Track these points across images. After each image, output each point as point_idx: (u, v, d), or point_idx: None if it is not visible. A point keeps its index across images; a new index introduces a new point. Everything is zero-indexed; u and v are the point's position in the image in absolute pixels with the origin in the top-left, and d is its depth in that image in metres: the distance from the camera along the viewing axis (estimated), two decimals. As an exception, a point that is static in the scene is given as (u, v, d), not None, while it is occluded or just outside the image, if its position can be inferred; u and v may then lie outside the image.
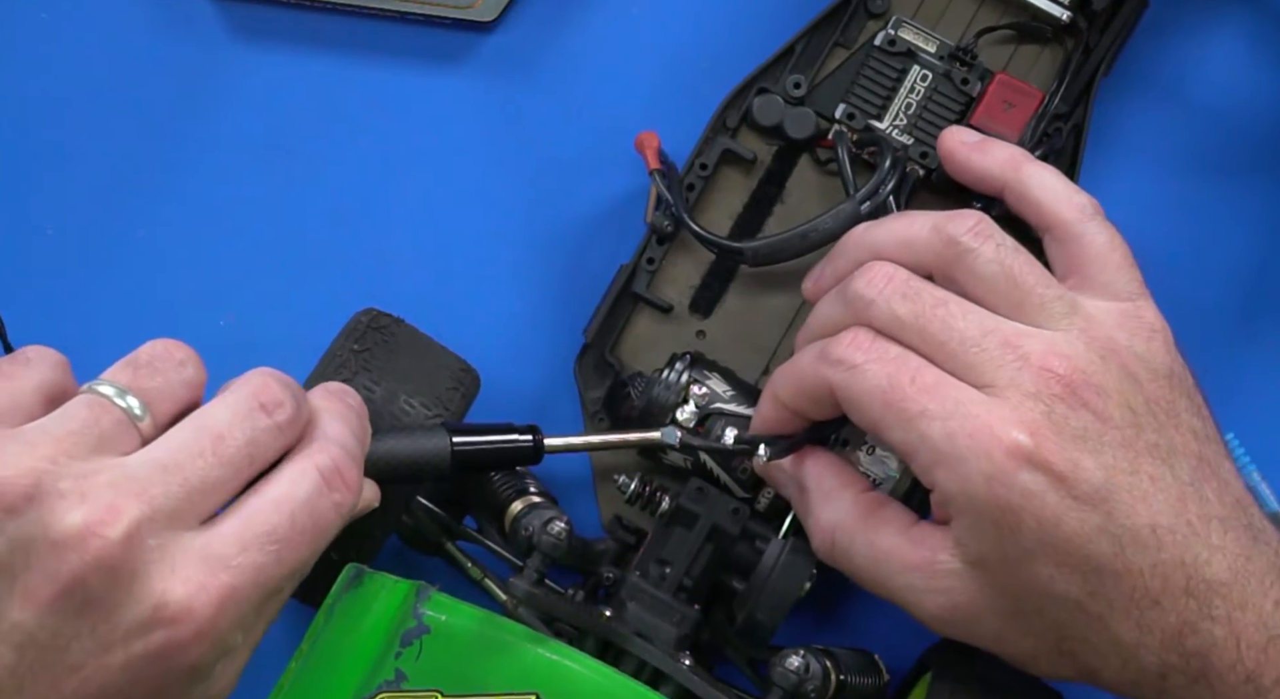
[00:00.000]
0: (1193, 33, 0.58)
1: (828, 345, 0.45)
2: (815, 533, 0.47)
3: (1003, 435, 0.42)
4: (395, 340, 0.50)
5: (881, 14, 0.54)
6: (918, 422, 0.43)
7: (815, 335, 0.47)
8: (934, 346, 0.44)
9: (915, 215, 0.47)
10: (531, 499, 0.50)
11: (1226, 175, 0.58)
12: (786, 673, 0.45)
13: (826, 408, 0.46)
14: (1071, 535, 0.42)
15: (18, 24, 0.58)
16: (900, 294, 0.45)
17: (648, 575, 0.49)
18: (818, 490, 0.47)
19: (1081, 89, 0.53)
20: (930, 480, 0.43)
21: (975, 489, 0.42)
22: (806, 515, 0.48)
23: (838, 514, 0.46)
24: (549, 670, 0.43)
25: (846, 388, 0.44)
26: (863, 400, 0.44)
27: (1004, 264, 0.45)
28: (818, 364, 0.45)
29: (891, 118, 0.53)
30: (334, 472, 0.41)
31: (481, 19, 0.57)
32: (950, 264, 0.45)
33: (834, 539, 0.46)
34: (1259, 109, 0.58)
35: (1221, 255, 0.57)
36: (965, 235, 0.45)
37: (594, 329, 0.53)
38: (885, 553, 0.45)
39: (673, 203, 0.52)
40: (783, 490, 0.49)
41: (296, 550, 0.40)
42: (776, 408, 0.47)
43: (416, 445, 0.46)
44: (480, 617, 0.44)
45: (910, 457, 0.43)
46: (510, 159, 0.57)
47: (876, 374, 0.44)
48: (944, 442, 0.42)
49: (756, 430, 0.48)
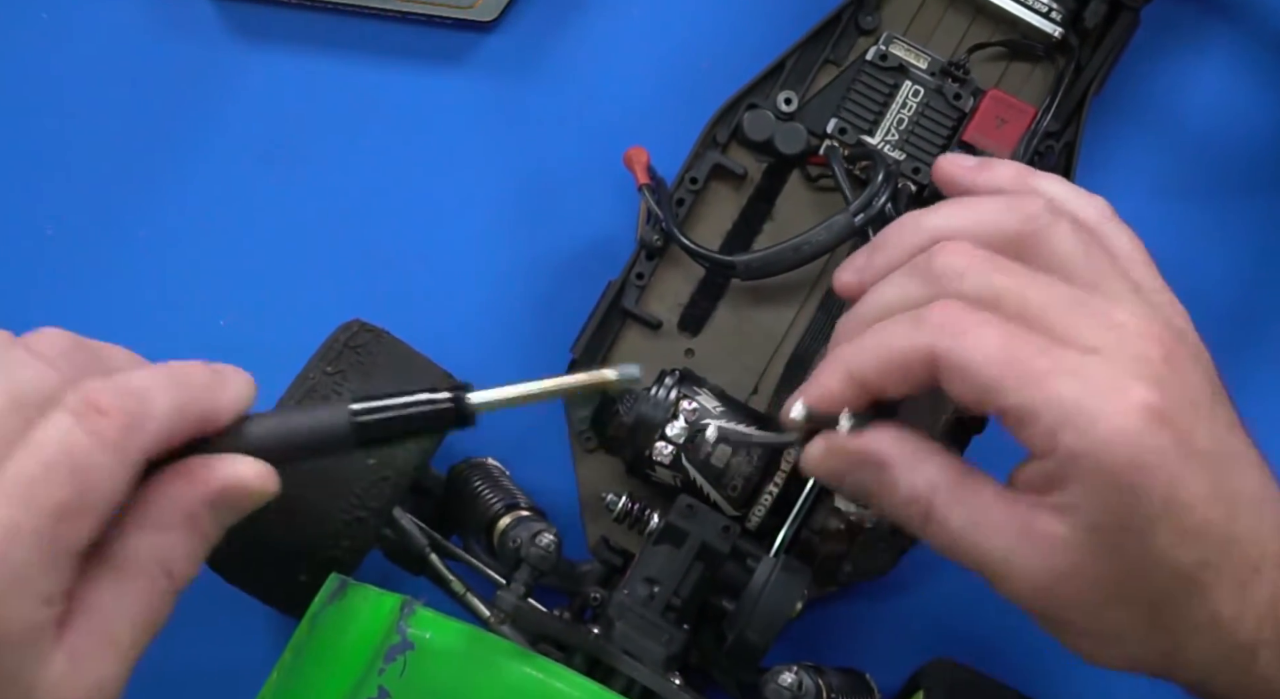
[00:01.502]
0: (1183, 53, 0.58)
1: (924, 314, 0.43)
2: (908, 503, 0.44)
3: (1132, 394, 0.41)
4: (373, 358, 0.49)
5: (872, 31, 0.54)
6: (1042, 381, 0.41)
7: (879, 317, 0.45)
8: (1034, 315, 0.43)
9: (978, 199, 0.46)
10: (520, 513, 0.49)
11: (1217, 194, 0.58)
12: (780, 689, 0.44)
13: (914, 381, 0.43)
14: (1192, 500, 0.41)
15: (18, 24, 0.58)
16: (992, 266, 0.43)
17: (635, 595, 0.48)
18: (905, 459, 0.44)
19: (1073, 107, 0.53)
20: (1052, 444, 0.41)
21: (1106, 449, 0.41)
22: (892, 490, 0.44)
23: (935, 476, 0.44)
24: (537, 689, 0.43)
25: (956, 353, 0.42)
26: (975, 365, 0.42)
27: (1081, 240, 0.44)
28: (914, 332, 0.43)
29: (883, 134, 0.53)
30: (84, 403, 0.37)
31: (481, 19, 0.57)
32: (1026, 241, 0.44)
33: (932, 504, 0.43)
34: (1249, 129, 0.58)
35: (1211, 274, 0.57)
36: (1043, 212, 0.44)
37: (582, 345, 0.53)
38: (985, 516, 0.43)
39: (663, 217, 0.51)
40: (842, 478, 0.45)
41: (50, 490, 0.36)
42: (846, 384, 0.44)
43: (312, 417, 0.41)
44: (466, 633, 0.43)
45: (1030, 420, 0.41)
46: (506, 162, 0.57)
47: (990, 337, 0.42)
48: (1072, 400, 0.41)
49: (816, 407, 0.45)
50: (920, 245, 0.45)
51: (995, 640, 0.56)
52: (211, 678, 0.55)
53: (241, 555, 0.48)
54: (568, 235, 0.57)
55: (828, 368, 0.45)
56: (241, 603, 0.51)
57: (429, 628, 0.43)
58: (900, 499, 0.44)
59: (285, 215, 0.57)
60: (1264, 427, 0.49)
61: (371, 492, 0.47)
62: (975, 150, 0.52)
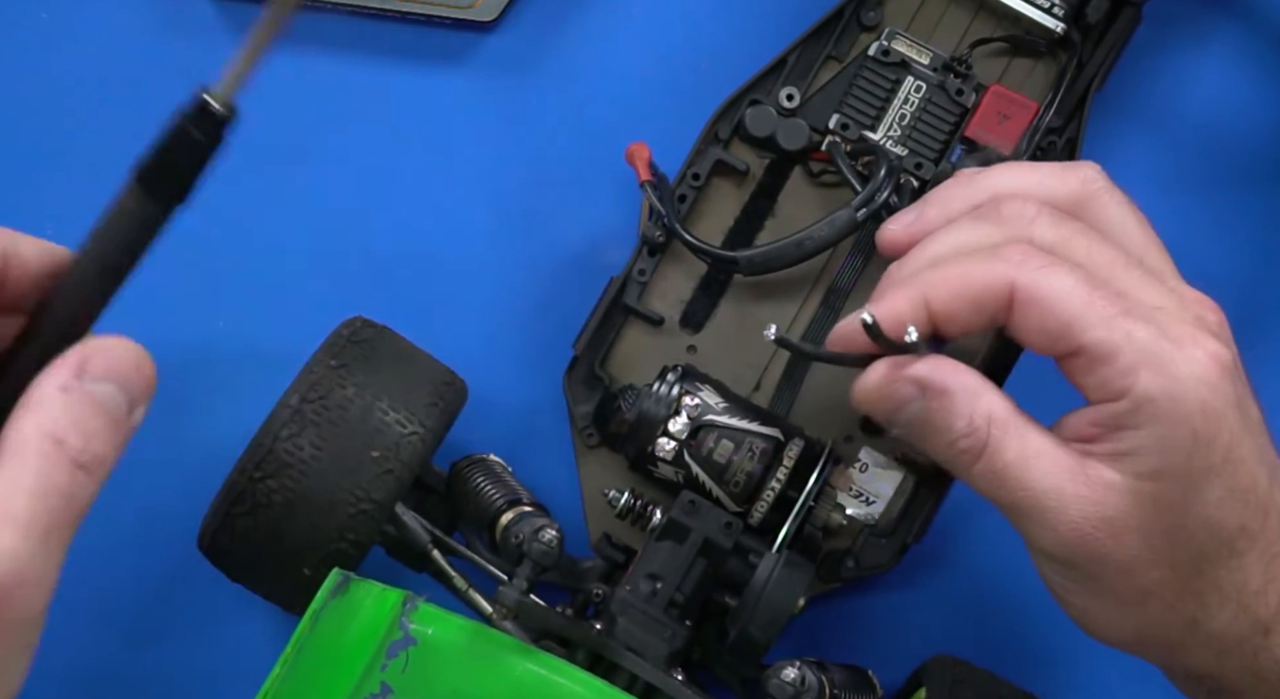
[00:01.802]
0: (1185, 49, 0.58)
1: (1003, 250, 0.43)
2: (965, 434, 0.43)
3: (1207, 344, 0.41)
4: (376, 352, 0.50)
5: (874, 27, 0.53)
6: (1122, 320, 0.41)
7: (944, 258, 0.44)
8: (1100, 268, 0.43)
9: (1034, 164, 0.47)
10: (522, 509, 0.49)
11: (1219, 190, 0.58)
12: (782, 684, 0.44)
13: (984, 314, 0.43)
14: (1246, 457, 0.42)
15: (18, 24, 0.58)
16: (1060, 217, 0.44)
17: (638, 591, 0.48)
18: (965, 388, 0.43)
19: (1076, 102, 0.53)
20: (1127, 384, 0.41)
21: (1183, 391, 0.41)
22: (950, 420, 0.43)
23: (993, 408, 0.43)
24: (539, 685, 0.43)
25: (1037, 286, 0.42)
26: (1056, 299, 0.42)
27: (1131, 207, 0.45)
28: (994, 263, 0.43)
29: (885, 129, 0.53)
30: None
31: (481, 19, 0.57)
32: (1084, 203, 0.45)
33: (989, 432, 0.43)
34: (1251, 124, 0.58)
35: (1212, 269, 0.57)
36: (1099, 177, 0.45)
37: (584, 342, 0.53)
38: (1038, 451, 0.43)
39: (665, 214, 0.51)
40: (901, 408, 0.44)
41: None
42: (916, 308, 0.44)
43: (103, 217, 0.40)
44: (469, 629, 0.43)
45: (1108, 358, 0.41)
46: (507, 161, 0.57)
47: (1070, 275, 0.42)
48: (1153, 341, 0.41)
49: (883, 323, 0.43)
50: (979, 200, 0.45)
51: (997, 637, 0.56)
52: (213, 675, 0.55)
53: (245, 551, 0.48)
54: (569, 232, 0.57)
55: (899, 289, 0.44)
56: (243, 599, 0.51)
57: (431, 624, 0.43)
58: (958, 430, 0.43)
59: (285, 215, 0.57)
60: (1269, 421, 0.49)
61: (375, 485, 0.47)
62: (977, 146, 0.52)
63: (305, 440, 0.47)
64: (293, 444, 0.47)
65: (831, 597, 0.53)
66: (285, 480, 0.47)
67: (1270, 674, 0.43)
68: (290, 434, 0.47)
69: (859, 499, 0.51)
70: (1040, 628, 0.56)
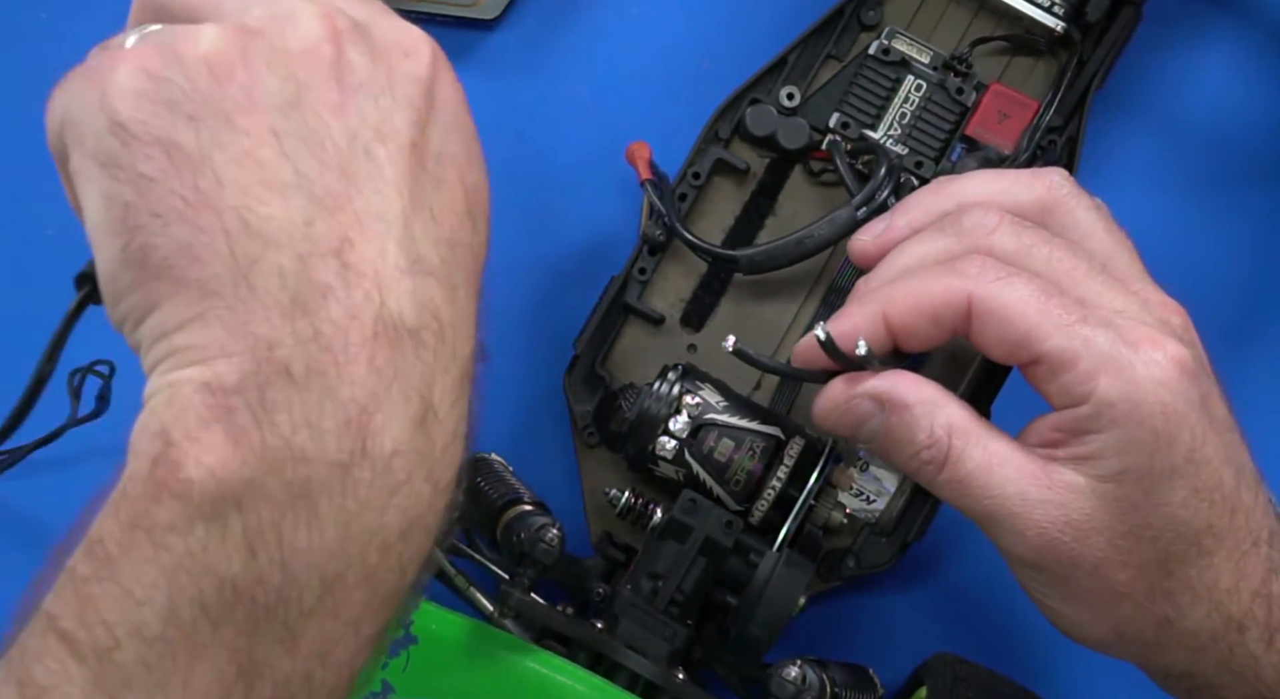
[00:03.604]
0: (1185, 47, 0.58)
1: (960, 263, 0.43)
2: (927, 446, 0.44)
3: (1166, 345, 0.42)
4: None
5: (874, 26, 0.53)
6: (1080, 326, 0.42)
7: (906, 271, 0.45)
8: (1061, 275, 0.43)
9: (1001, 171, 0.47)
10: (524, 508, 0.49)
11: (1218, 188, 0.58)
12: (784, 683, 0.44)
13: (942, 327, 0.44)
14: (1209, 458, 0.42)
15: (18, 24, 0.58)
16: (1020, 225, 0.44)
17: (639, 590, 0.48)
18: (923, 401, 0.44)
19: (1076, 101, 0.53)
20: (1088, 389, 0.42)
21: (1143, 394, 0.41)
22: (911, 433, 0.44)
23: (954, 419, 0.44)
24: (540, 683, 0.43)
25: (993, 298, 0.43)
26: (1013, 310, 0.42)
27: (1099, 212, 0.45)
28: (951, 278, 0.43)
29: (886, 127, 0.53)
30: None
31: (483, 17, 0.57)
32: (1049, 210, 0.45)
33: (950, 443, 0.43)
34: (1251, 123, 0.58)
35: (1212, 267, 0.57)
36: (1065, 183, 0.45)
37: (584, 340, 0.53)
38: (1001, 458, 0.43)
39: (665, 213, 0.51)
40: (860, 423, 0.45)
41: None
42: (874, 323, 0.44)
43: None
44: (470, 627, 0.43)
45: (1067, 365, 0.42)
46: (508, 160, 0.57)
47: (1027, 285, 0.43)
48: (1111, 346, 0.42)
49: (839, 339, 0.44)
50: (945, 209, 0.46)
51: (998, 635, 0.56)
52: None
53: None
54: (570, 231, 0.57)
55: (857, 305, 0.45)
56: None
57: (433, 622, 0.43)
58: (919, 442, 0.44)
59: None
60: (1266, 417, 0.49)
61: None
62: (977, 145, 0.52)
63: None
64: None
65: (832, 595, 0.53)
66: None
67: (1246, 671, 0.44)
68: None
69: (860, 498, 0.51)
70: (1040, 626, 0.55)
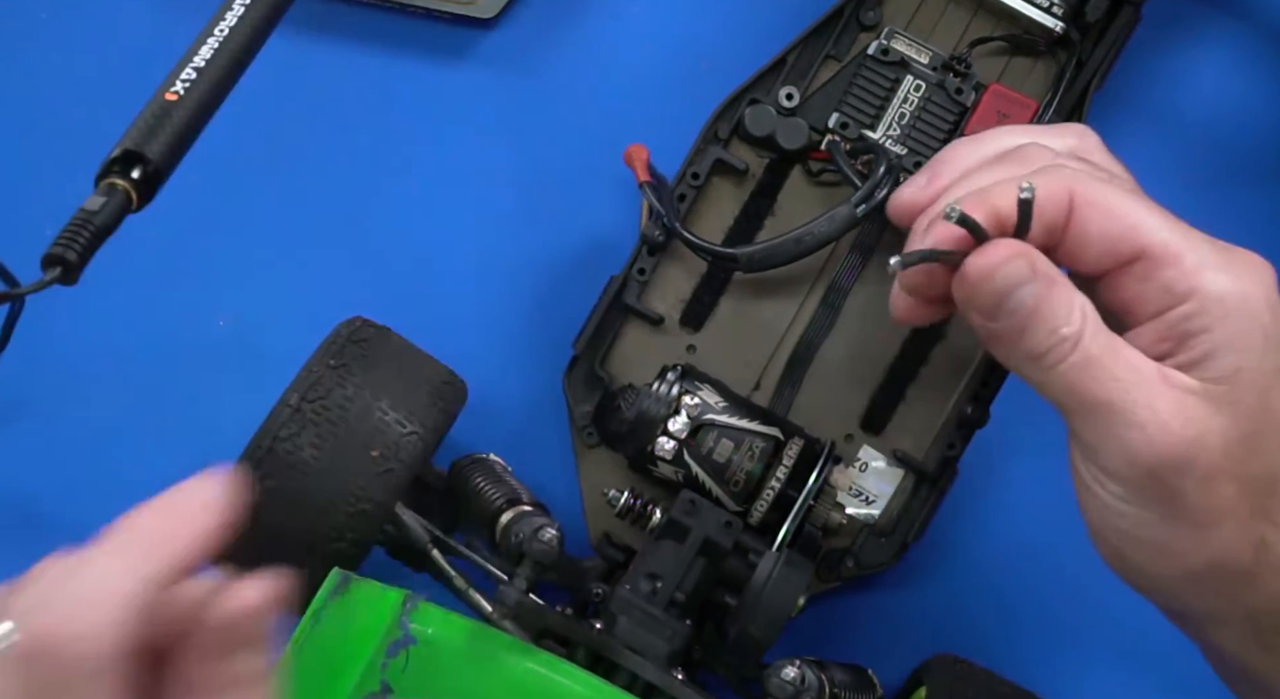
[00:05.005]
0: (1184, 48, 0.58)
1: (1054, 166, 0.43)
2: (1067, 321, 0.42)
3: (1256, 255, 0.42)
4: (376, 352, 0.50)
5: (873, 27, 0.53)
6: (1184, 225, 0.42)
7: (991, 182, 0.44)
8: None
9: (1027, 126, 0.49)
10: (522, 509, 0.49)
11: (1218, 188, 0.58)
12: (782, 683, 0.44)
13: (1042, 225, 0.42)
14: None
15: (18, 23, 0.58)
16: (1079, 158, 0.44)
17: (638, 590, 0.48)
18: (1065, 278, 0.42)
19: (1075, 101, 0.53)
20: (1194, 283, 0.41)
21: (1250, 290, 0.41)
22: (1054, 309, 0.42)
23: (1086, 301, 0.42)
24: (539, 684, 0.43)
25: (1098, 191, 0.42)
26: (1117, 202, 0.42)
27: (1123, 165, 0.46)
28: (1054, 172, 0.43)
29: (885, 128, 0.53)
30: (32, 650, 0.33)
31: (482, 16, 0.57)
32: (1084, 156, 0.45)
33: (1084, 329, 0.42)
34: (1250, 122, 0.58)
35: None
36: (1092, 134, 0.46)
37: (584, 341, 0.53)
38: (1120, 346, 0.42)
39: (664, 214, 0.51)
40: (1011, 291, 0.42)
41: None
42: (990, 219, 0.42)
43: None
44: (469, 628, 0.43)
45: (1174, 259, 0.41)
46: (506, 160, 0.57)
47: (1123, 186, 0.43)
48: (1211, 244, 0.42)
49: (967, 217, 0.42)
50: (987, 155, 0.45)
51: (997, 635, 0.56)
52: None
53: (245, 550, 0.48)
54: (569, 231, 0.57)
55: (970, 201, 0.42)
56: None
57: (432, 623, 0.43)
58: (1060, 319, 0.42)
59: (284, 213, 0.57)
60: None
61: (374, 484, 0.47)
62: (977, 145, 0.52)
63: (305, 440, 0.47)
64: (292, 444, 0.47)
65: (831, 596, 0.53)
66: (285, 480, 0.47)
67: None
68: (290, 434, 0.47)
69: (859, 498, 0.51)
70: (1040, 627, 0.56)
